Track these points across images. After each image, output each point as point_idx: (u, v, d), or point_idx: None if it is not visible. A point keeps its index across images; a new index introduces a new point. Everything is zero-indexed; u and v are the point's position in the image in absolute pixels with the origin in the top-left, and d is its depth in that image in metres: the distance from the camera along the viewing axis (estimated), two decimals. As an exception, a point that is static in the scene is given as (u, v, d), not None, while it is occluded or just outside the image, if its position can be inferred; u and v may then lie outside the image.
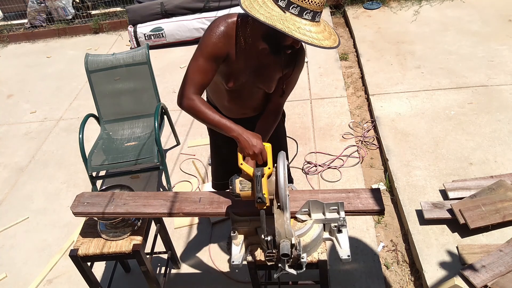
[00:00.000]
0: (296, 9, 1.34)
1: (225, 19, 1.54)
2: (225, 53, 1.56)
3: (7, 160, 3.72)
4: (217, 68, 1.59)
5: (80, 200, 1.86)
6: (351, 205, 1.65)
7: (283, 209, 1.41)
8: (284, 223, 1.41)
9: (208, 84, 1.62)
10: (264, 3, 1.37)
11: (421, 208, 2.39)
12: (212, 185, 2.27)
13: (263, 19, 1.33)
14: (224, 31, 1.53)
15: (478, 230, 2.25)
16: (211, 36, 1.53)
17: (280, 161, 1.42)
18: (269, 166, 1.47)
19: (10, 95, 4.82)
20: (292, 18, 1.34)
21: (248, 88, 1.73)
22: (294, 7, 1.33)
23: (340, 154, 3.12)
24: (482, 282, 1.96)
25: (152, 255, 2.10)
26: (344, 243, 1.56)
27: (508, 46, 3.99)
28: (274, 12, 1.34)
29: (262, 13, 1.34)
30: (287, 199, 1.41)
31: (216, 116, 1.57)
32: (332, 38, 1.41)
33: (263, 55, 1.56)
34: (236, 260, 1.56)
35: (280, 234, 1.40)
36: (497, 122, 3.07)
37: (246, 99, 1.79)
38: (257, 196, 1.42)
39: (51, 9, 6.09)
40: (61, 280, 2.54)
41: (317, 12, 1.36)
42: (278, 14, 1.34)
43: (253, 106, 1.85)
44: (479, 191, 2.41)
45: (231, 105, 1.83)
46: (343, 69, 4.25)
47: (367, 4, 5.21)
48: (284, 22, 1.33)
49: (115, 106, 3.19)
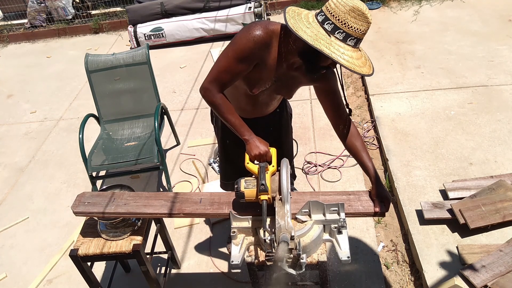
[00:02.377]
0: (341, 35, 1.35)
1: (266, 26, 1.51)
2: (259, 60, 1.55)
3: (7, 160, 3.72)
4: (246, 72, 1.58)
5: (81, 199, 1.86)
6: (351, 208, 1.65)
7: (284, 202, 1.45)
8: (285, 215, 1.43)
9: (233, 83, 1.63)
10: (310, 24, 1.38)
11: (421, 208, 2.39)
12: (220, 185, 2.29)
13: (311, 42, 1.33)
14: (264, 38, 1.49)
15: (478, 230, 2.25)
16: (248, 40, 1.49)
17: (284, 165, 1.50)
18: (273, 165, 1.58)
19: (10, 95, 4.82)
20: (337, 43, 1.35)
21: (269, 94, 1.75)
22: (339, 32, 1.35)
23: (340, 154, 3.12)
24: (482, 282, 1.96)
25: (152, 255, 2.10)
26: (344, 244, 1.56)
27: (508, 46, 3.99)
28: (320, 34, 1.35)
29: (310, 35, 1.35)
30: (288, 193, 1.45)
31: (233, 117, 1.65)
32: (368, 64, 1.44)
33: (293, 68, 1.56)
34: (236, 260, 1.55)
35: (280, 227, 1.41)
36: (497, 122, 3.07)
37: (263, 103, 1.82)
38: (260, 183, 1.49)
39: (51, 9, 6.09)
40: (61, 280, 2.55)
41: (360, 39, 1.38)
42: (324, 37, 1.35)
43: (268, 108, 1.89)
44: (479, 191, 2.41)
45: (247, 107, 1.84)
46: (343, 69, 4.24)
47: (367, 4, 5.22)
48: (330, 46, 1.34)
49: (115, 106, 3.19)
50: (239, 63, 1.54)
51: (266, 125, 1.95)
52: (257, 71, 1.59)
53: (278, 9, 5.73)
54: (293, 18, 1.39)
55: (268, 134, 1.98)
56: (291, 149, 2.20)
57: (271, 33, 1.51)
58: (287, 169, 1.49)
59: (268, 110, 1.91)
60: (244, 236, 1.62)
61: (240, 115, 1.84)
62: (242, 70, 1.56)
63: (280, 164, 1.52)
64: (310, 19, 1.39)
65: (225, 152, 2.15)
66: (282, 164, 1.51)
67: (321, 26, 1.36)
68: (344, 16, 1.32)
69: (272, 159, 1.61)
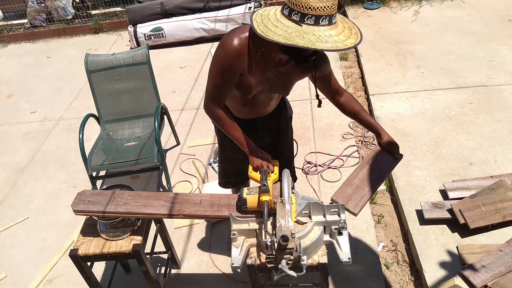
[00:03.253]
0: (311, 19, 1.29)
1: (238, 35, 1.50)
2: (240, 70, 1.56)
3: (7, 160, 3.72)
4: (234, 82, 1.61)
5: (81, 198, 1.86)
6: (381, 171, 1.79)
7: (285, 203, 1.47)
8: (286, 214, 1.43)
9: (228, 95, 1.68)
10: (277, 21, 1.34)
11: (421, 208, 2.39)
12: (219, 183, 2.29)
13: (283, 41, 1.29)
14: (239, 49, 1.50)
15: (478, 230, 2.25)
16: (225, 55, 1.52)
17: (285, 173, 1.55)
18: (275, 173, 1.63)
19: (10, 95, 4.82)
20: (310, 29, 1.29)
21: (265, 95, 1.75)
22: (308, 17, 1.29)
23: (340, 154, 3.12)
24: (482, 282, 1.96)
25: (152, 255, 2.10)
26: (344, 245, 1.55)
27: (508, 46, 3.99)
28: (291, 29, 1.30)
29: (280, 34, 1.31)
30: (289, 195, 1.48)
31: (235, 132, 1.72)
32: (353, 33, 1.37)
33: (281, 64, 1.52)
34: (236, 262, 1.55)
35: (281, 226, 1.41)
36: (497, 122, 3.07)
37: (261, 103, 1.81)
38: (262, 183, 1.53)
39: (51, 9, 6.09)
40: (61, 280, 2.54)
41: (332, 14, 1.31)
42: (295, 29, 1.30)
43: (266, 108, 1.88)
44: (479, 191, 2.41)
45: (245, 109, 1.84)
46: (343, 69, 4.25)
47: (367, 4, 5.21)
48: (304, 36, 1.28)
49: (115, 106, 3.19)
50: (224, 78, 1.58)
51: (264, 125, 1.95)
52: (244, 79, 1.60)
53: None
54: (261, 24, 1.37)
55: (266, 135, 1.98)
56: (291, 150, 2.20)
57: (245, 40, 1.50)
58: (288, 177, 1.53)
59: (267, 110, 1.90)
60: (244, 238, 1.62)
61: (239, 116, 1.86)
62: (230, 82, 1.60)
63: (282, 174, 1.56)
64: (278, 16, 1.36)
65: (222, 152, 2.16)
66: (284, 173, 1.55)
67: (289, 19, 1.32)
68: (305, 1, 1.27)
69: (275, 169, 1.66)
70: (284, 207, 1.46)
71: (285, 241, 1.37)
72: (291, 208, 1.46)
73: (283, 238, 1.37)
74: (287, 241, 1.38)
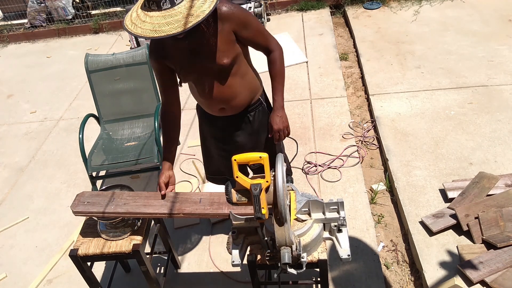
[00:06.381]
0: (145, 6, 1.44)
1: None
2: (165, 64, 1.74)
3: (7, 160, 3.72)
4: (170, 78, 1.79)
5: (80, 199, 1.86)
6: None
7: (283, 222, 1.34)
8: (284, 233, 1.36)
9: (174, 94, 1.84)
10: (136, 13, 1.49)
11: (425, 223, 2.36)
12: (206, 177, 2.36)
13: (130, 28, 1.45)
14: (151, 49, 1.73)
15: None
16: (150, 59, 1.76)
17: (279, 169, 1.32)
18: (266, 180, 1.35)
19: (10, 95, 4.82)
20: (142, 14, 1.44)
21: (202, 77, 1.75)
22: (143, 4, 1.45)
23: (340, 154, 3.12)
24: (479, 277, 1.98)
25: (152, 255, 2.10)
26: (344, 242, 1.56)
27: (508, 46, 3.99)
28: (133, 17, 1.47)
29: (129, 23, 1.48)
30: (287, 211, 1.34)
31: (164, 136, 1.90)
32: (181, 22, 1.39)
33: (184, 44, 1.63)
34: (236, 260, 1.56)
35: (280, 242, 1.38)
36: (497, 122, 3.07)
37: (211, 89, 1.77)
38: (256, 216, 1.33)
39: (51, 9, 6.09)
40: (61, 280, 2.55)
41: (159, 0, 1.40)
42: (134, 17, 1.47)
43: (224, 98, 1.80)
44: (466, 187, 2.44)
45: (204, 100, 1.86)
46: (343, 69, 4.25)
47: (367, 4, 5.21)
48: (135, 21, 1.45)
49: (115, 106, 3.19)
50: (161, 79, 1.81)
51: (237, 124, 1.96)
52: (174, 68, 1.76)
53: (278, 9, 5.72)
54: (130, 22, 1.48)
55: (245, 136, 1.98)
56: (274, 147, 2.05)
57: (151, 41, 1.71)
58: (283, 178, 1.31)
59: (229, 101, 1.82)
60: (245, 236, 1.62)
61: (210, 113, 1.92)
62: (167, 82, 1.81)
63: (275, 172, 1.32)
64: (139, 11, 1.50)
65: (203, 144, 2.21)
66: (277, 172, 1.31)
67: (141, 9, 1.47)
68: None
69: (265, 170, 1.35)
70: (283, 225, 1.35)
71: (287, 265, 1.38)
72: (290, 225, 1.37)
73: (285, 265, 1.37)
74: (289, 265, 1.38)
